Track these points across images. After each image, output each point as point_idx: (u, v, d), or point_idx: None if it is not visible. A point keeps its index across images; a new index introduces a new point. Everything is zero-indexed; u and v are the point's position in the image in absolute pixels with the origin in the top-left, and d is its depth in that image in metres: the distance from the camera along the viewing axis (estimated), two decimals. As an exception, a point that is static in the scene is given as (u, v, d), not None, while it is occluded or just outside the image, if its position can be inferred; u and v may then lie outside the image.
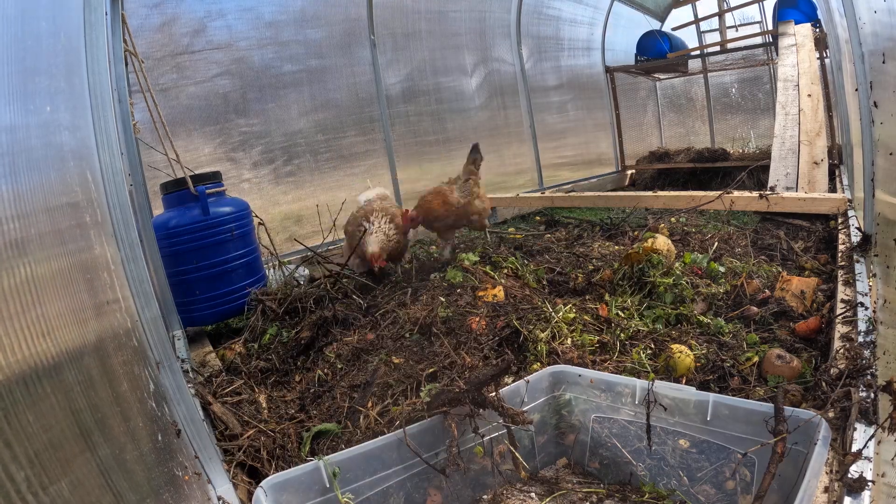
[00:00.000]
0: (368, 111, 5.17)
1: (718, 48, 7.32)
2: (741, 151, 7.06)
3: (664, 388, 1.49)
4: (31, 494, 0.80)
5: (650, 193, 4.45)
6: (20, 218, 0.95)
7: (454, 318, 2.28)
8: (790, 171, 4.36)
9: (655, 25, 8.20)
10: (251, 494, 1.49)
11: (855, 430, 1.37)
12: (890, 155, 1.88)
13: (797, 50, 5.29)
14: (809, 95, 4.84)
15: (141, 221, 2.37)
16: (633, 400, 1.54)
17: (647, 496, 1.46)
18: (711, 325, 2.20)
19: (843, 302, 2.13)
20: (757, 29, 7.35)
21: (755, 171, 5.49)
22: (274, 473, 1.39)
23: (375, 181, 4.69)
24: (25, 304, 0.91)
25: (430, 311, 2.33)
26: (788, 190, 4.17)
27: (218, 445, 1.74)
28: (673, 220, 4.06)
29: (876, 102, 2.05)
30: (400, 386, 1.95)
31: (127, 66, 2.50)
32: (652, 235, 3.02)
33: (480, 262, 2.92)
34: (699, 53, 7.68)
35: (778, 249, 3.10)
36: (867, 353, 1.71)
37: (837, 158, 5.06)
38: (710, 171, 6.64)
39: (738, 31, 7.53)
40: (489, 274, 2.71)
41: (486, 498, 1.51)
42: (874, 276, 2.15)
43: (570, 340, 2.11)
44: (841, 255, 2.64)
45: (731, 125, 8.20)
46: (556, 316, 2.21)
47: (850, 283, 2.28)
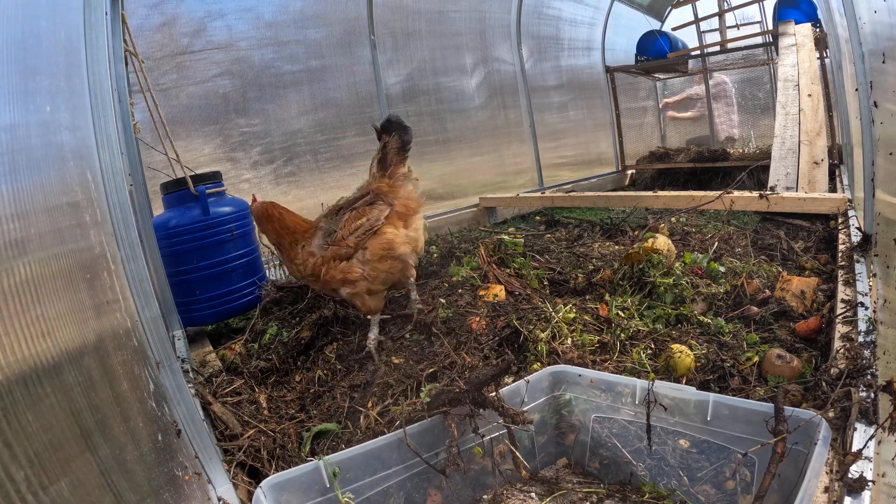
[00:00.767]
0: (369, 111, 5.16)
1: (718, 48, 7.31)
2: (741, 151, 7.06)
3: (664, 388, 1.49)
4: (30, 494, 0.80)
5: (650, 193, 4.45)
6: (20, 217, 0.95)
7: (454, 318, 2.28)
8: (790, 170, 4.36)
9: (655, 25, 8.21)
10: (251, 494, 1.49)
11: (855, 430, 1.37)
12: (890, 155, 1.88)
13: (797, 50, 5.28)
14: (809, 95, 4.84)
15: (141, 221, 2.37)
16: (633, 400, 1.54)
17: (647, 496, 1.46)
18: (711, 325, 2.20)
19: (843, 302, 2.12)
20: (757, 29, 7.35)
21: (755, 171, 5.48)
22: (274, 473, 1.39)
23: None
24: (25, 303, 0.91)
25: (430, 310, 2.33)
26: (788, 190, 4.17)
27: (218, 445, 1.73)
28: (673, 219, 4.06)
29: (876, 102, 2.05)
30: (400, 386, 1.95)
31: (127, 65, 2.50)
32: (652, 235, 3.01)
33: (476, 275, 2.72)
34: (699, 53, 7.68)
35: (778, 249, 3.10)
36: (867, 352, 1.71)
37: (837, 158, 5.06)
38: (710, 171, 6.63)
39: (738, 30, 7.53)
40: (494, 273, 2.70)
41: (486, 498, 1.51)
42: (874, 275, 2.15)
43: (570, 340, 2.11)
44: (841, 254, 2.64)
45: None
46: (556, 316, 2.21)
47: (850, 282, 2.28)
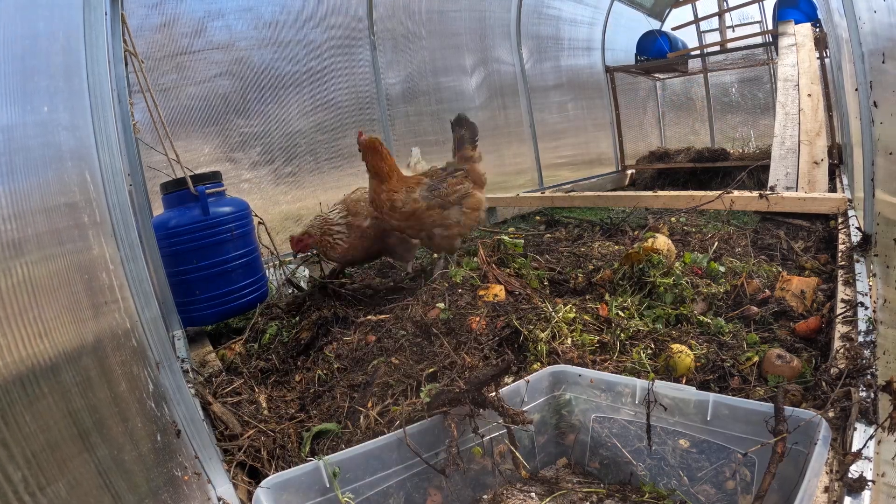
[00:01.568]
0: (369, 112, 5.17)
1: (718, 48, 7.31)
2: (741, 151, 7.06)
3: (664, 387, 1.49)
4: (28, 495, 0.80)
5: (650, 193, 4.45)
6: (17, 218, 0.95)
7: (454, 318, 2.28)
8: (790, 170, 4.36)
9: (655, 25, 8.20)
10: (251, 494, 1.49)
11: (855, 429, 1.37)
12: (890, 155, 1.88)
13: (797, 49, 5.28)
14: (809, 95, 4.83)
15: (141, 221, 2.37)
16: (633, 400, 1.54)
17: (647, 496, 1.45)
18: (711, 324, 2.20)
19: (843, 302, 2.12)
20: (757, 29, 7.35)
21: (755, 170, 5.48)
22: (274, 473, 1.38)
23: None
24: (22, 304, 0.91)
25: (430, 310, 2.33)
26: (788, 190, 4.16)
27: (218, 445, 1.73)
28: (673, 219, 4.06)
29: (876, 102, 2.05)
30: (400, 386, 1.94)
31: (127, 66, 2.50)
32: (652, 235, 3.01)
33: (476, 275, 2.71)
34: (699, 53, 7.68)
35: (778, 249, 3.10)
36: (867, 352, 1.71)
37: (837, 158, 5.05)
38: (710, 170, 6.63)
39: (736, 31, 7.53)
40: (494, 273, 2.70)
41: (486, 498, 1.50)
42: (874, 275, 2.15)
43: (570, 340, 2.10)
44: (841, 254, 2.63)
45: (731, 125, 8.19)
46: (556, 316, 2.21)
47: (850, 282, 2.28)
